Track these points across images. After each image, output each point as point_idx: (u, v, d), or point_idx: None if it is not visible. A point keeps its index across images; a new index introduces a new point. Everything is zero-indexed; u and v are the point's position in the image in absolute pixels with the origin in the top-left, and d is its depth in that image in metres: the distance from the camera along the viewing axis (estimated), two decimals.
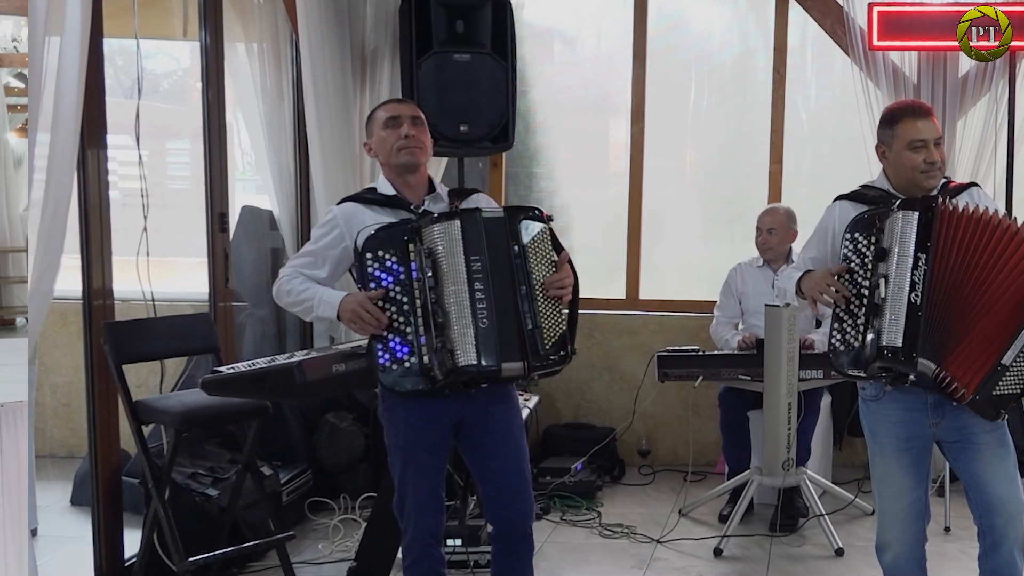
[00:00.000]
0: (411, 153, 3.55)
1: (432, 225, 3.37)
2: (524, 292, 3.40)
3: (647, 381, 5.75)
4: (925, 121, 3.44)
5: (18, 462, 3.17)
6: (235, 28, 5.58)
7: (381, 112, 3.64)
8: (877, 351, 3.29)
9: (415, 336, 3.35)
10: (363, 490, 5.50)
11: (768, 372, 5.15)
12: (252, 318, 6.04)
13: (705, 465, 6.33)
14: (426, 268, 3.34)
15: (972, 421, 3.40)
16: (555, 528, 5.42)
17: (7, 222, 5.07)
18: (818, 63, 6.64)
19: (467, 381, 3.41)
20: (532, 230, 3.46)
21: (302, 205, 6.10)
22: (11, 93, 5.48)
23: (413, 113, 3.62)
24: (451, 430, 3.54)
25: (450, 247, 3.35)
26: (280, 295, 3.58)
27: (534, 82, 6.64)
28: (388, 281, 3.36)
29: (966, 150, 5.93)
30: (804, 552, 5.12)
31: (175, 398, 4.42)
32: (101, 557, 4.40)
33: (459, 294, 3.34)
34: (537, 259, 3.44)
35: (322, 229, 3.60)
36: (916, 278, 3.27)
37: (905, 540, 3.51)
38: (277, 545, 4.55)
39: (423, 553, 3.55)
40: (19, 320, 4.93)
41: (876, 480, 3.59)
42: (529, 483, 3.65)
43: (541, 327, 3.40)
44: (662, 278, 6.71)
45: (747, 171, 6.69)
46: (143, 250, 4.67)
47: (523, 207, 3.52)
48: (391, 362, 3.37)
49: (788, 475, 5.19)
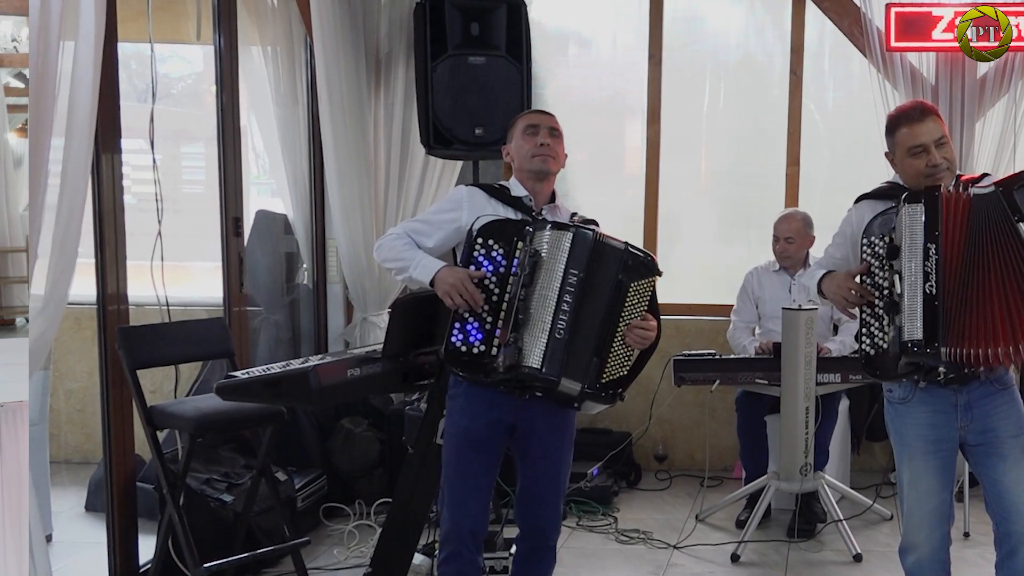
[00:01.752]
0: (544, 161, 3.67)
1: (545, 230, 3.48)
2: (609, 323, 3.49)
3: (664, 385, 5.72)
4: (922, 125, 3.41)
5: (18, 462, 3.18)
6: (249, 31, 5.57)
7: (522, 120, 3.78)
8: (901, 347, 3.29)
9: (493, 327, 3.45)
10: (378, 495, 5.49)
11: (785, 376, 5.12)
12: (267, 322, 6.03)
13: (722, 470, 6.31)
14: (526, 266, 3.44)
15: (998, 425, 3.39)
16: (571, 533, 5.40)
17: (7, 222, 5.07)
18: (835, 64, 6.61)
19: (523, 382, 3.48)
20: (642, 273, 3.54)
21: (317, 209, 6.10)
22: (11, 93, 5.48)
23: (552, 124, 3.74)
24: (506, 431, 3.61)
25: (554, 254, 3.46)
26: (382, 248, 3.68)
27: (549, 84, 6.62)
28: (489, 269, 3.49)
29: (985, 151, 5.90)
30: (822, 558, 5.08)
31: (189, 403, 4.40)
32: (116, 563, 4.39)
33: (547, 299, 3.44)
34: (634, 302, 3.53)
35: (446, 204, 3.74)
36: (929, 268, 3.27)
37: (931, 543, 3.49)
38: (292, 551, 4.54)
39: (455, 551, 3.58)
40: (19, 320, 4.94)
41: (903, 483, 3.55)
42: (562, 498, 3.74)
43: (607, 361, 3.51)
44: (678, 281, 6.65)
45: (764, 173, 6.64)
46: (157, 255, 4.67)
47: (646, 251, 3.60)
48: (462, 343, 3.47)
49: (806, 480, 5.16)
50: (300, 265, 6.32)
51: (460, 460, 3.59)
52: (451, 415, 3.64)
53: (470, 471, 3.58)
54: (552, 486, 3.68)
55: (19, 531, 3.21)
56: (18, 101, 5.46)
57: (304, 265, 6.28)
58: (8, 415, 3.17)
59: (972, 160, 5.83)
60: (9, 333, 4.98)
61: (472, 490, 3.59)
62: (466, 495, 3.58)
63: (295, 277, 6.39)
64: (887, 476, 5.87)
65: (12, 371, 3.32)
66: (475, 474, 3.59)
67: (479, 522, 3.60)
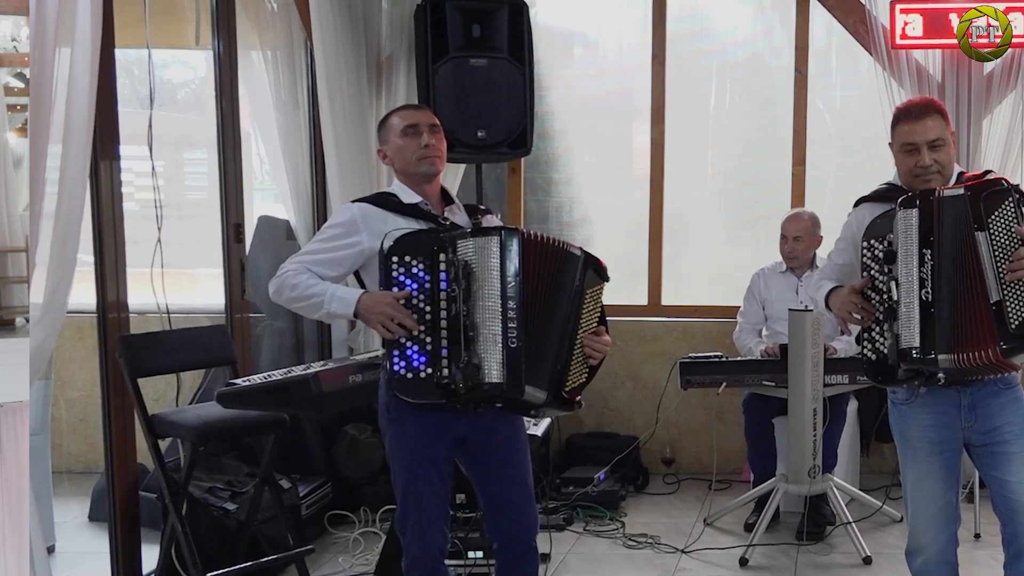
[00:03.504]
0: (432, 163, 3.50)
1: (468, 239, 3.31)
2: (569, 329, 3.38)
3: (670, 388, 5.69)
4: (919, 123, 3.38)
5: (18, 462, 3.18)
6: (249, 36, 5.55)
7: (396, 119, 3.57)
8: (899, 354, 3.28)
9: (435, 347, 3.29)
10: (383, 502, 5.43)
11: (793, 378, 5.09)
12: (270, 329, 6.01)
13: (730, 473, 6.26)
14: (460, 280, 3.27)
15: (1002, 426, 3.37)
16: (578, 539, 5.36)
17: (6, 222, 5.06)
18: (843, 63, 6.57)
19: (485, 399, 3.35)
20: (593, 280, 3.43)
21: (319, 214, 6.07)
22: (11, 93, 5.47)
23: (431, 121, 3.56)
24: (454, 444, 3.47)
25: (484, 262, 3.28)
26: (283, 290, 3.42)
27: (553, 86, 6.58)
28: (413, 287, 3.29)
29: (992, 148, 5.86)
30: (831, 561, 5.05)
31: (191, 411, 4.39)
32: (119, 573, 4.37)
33: (491, 311, 3.28)
34: (589, 308, 3.42)
35: (337, 229, 3.49)
36: (924, 274, 3.25)
37: (938, 545, 3.47)
38: (296, 559, 4.53)
39: (431, 569, 3.48)
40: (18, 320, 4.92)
41: (908, 485, 3.54)
42: (532, 497, 3.61)
43: (569, 368, 3.40)
44: (685, 283, 6.65)
45: (770, 173, 6.62)
46: (158, 262, 4.63)
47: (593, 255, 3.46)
48: (406, 370, 3.30)
49: (814, 482, 5.13)
50: None
51: (417, 480, 3.42)
52: (398, 438, 3.44)
53: (429, 489, 3.42)
54: (522, 489, 3.55)
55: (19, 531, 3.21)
56: (18, 101, 5.45)
57: None
58: (8, 415, 3.16)
59: (980, 157, 5.79)
60: (9, 333, 4.97)
61: (435, 508, 3.44)
62: (430, 514, 3.44)
63: None
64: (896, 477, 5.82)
65: (12, 371, 3.32)
66: (434, 490, 3.43)
67: (443, 536, 3.49)
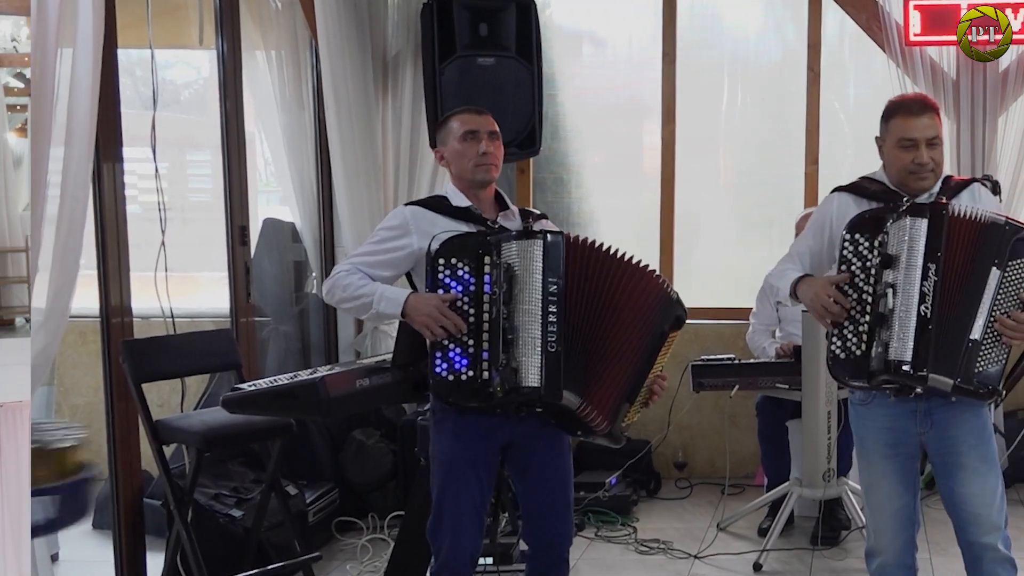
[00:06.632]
0: (487, 171, 3.49)
1: (512, 241, 3.29)
2: (643, 366, 3.34)
3: (682, 391, 5.62)
4: (919, 119, 3.35)
5: (18, 462, 3.16)
6: (253, 36, 5.52)
7: (456, 123, 3.53)
8: (885, 365, 3.23)
9: (477, 349, 3.28)
10: (392, 509, 5.42)
11: (806, 380, 5.04)
12: (275, 333, 5.97)
13: (743, 477, 6.21)
14: (502, 283, 3.25)
15: (958, 436, 3.37)
16: (590, 544, 5.31)
17: (6, 222, 5.03)
18: (856, 60, 6.50)
19: (523, 403, 3.32)
20: (676, 325, 3.38)
21: (325, 216, 6.02)
22: (10, 93, 5.44)
23: (490, 128, 3.53)
24: (499, 450, 3.47)
25: (527, 265, 3.27)
26: (335, 290, 3.45)
27: (563, 85, 6.54)
28: (458, 290, 3.29)
29: (1008, 146, 5.82)
30: (847, 566, 5.00)
31: (196, 417, 4.35)
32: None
33: (531, 314, 3.26)
34: (664, 353, 3.38)
35: (390, 231, 3.50)
36: (926, 289, 3.20)
37: (895, 548, 3.49)
38: (303, 566, 4.50)
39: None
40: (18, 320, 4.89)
41: (864, 485, 3.61)
42: (571, 508, 3.62)
43: (634, 404, 3.38)
44: (696, 284, 6.58)
45: (783, 173, 6.56)
46: (162, 265, 4.60)
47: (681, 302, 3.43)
48: (448, 372, 3.30)
49: (829, 486, 5.09)
50: (309, 274, 6.26)
51: (456, 483, 3.41)
52: (440, 439, 3.46)
53: (466, 493, 3.41)
54: (561, 495, 3.54)
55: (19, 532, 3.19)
56: (18, 101, 5.42)
57: (313, 274, 6.21)
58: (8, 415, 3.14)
59: (996, 155, 5.75)
60: (9, 333, 4.94)
61: (471, 513, 3.43)
62: (465, 519, 3.42)
63: (304, 286, 6.33)
64: None
65: (12, 371, 3.30)
66: (472, 496, 3.42)
67: (476, 544, 3.47)
